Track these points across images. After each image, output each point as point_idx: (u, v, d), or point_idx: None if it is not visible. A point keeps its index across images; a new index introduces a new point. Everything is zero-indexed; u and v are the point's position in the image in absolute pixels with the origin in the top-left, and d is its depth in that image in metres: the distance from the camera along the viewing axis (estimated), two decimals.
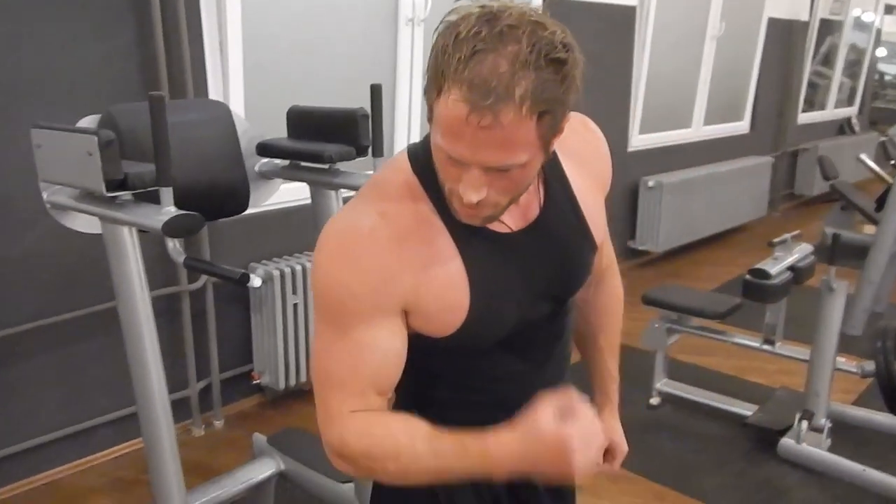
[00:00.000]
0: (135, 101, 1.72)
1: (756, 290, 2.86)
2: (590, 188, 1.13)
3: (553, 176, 1.08)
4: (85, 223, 1.75)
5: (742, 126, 6.64)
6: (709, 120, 6.09)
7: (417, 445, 0.94)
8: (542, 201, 1.06)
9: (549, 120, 0.86)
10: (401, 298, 0.97)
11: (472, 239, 1.00)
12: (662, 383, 3.37)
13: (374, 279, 0.95)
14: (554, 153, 1.04)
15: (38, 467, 2.69)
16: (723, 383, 3.51)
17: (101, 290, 2.51)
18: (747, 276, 2.89)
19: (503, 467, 0.91)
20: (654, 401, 3.34)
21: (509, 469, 0.91)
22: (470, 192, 0.89)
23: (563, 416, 0.90)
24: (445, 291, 0.99)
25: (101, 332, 2.72)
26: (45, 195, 1.73)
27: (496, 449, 0.91)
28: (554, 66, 0.83)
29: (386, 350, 0.99)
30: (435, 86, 0.86)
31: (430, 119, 0.92)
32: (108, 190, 1.49)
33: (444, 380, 1.10)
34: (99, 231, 1.68)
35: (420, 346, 1.03)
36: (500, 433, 0.91)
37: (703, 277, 5.15)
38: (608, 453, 1.30)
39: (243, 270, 1.77)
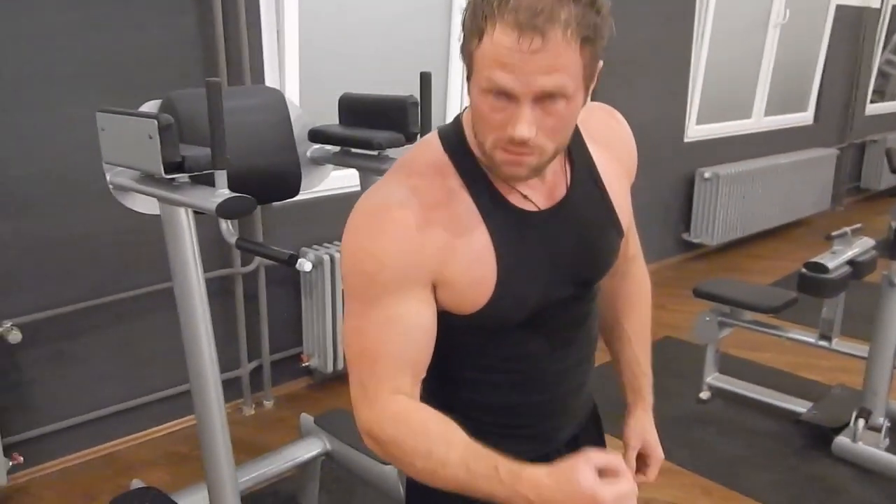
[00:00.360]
0: (195, 87, 1.76)
1: (812, 284, 2.79)
2: (616, 173, 1.14)
3: (579, 158, 1.09)
4: (144, 204, 1.81)
5: (805, 117, 6.46)
6: (770, 110, 5.94)
7: (451, 454, 0.93)
8: (568, 182, 1.07)
9: (590, 51, 0.89)
10: (429, 270, 0.98)
11: (499, 215, 1.01)
12: (713, 377, 3.32)
13: (402, 249, 0.96)
14: (580, 137, 1.09)
15: (97, 439, 2.81)
16: (776, 379, 3.44)
17: (160, 269, 2.59)
18: (803, 270, 2.82)
19: (524, 498, 0.90)
20: (704, 395, 3.30)
21: (530, 502, 0.90)
22: (522, 126, 0.90)
23: (604, 476, 0.88)
24: (473, 265, 1.00)
25: (159, 310, 2.81)
26: (107, 176, 1.79)
27: (528, 483, 0.89)
28: (590, 3, 0.87)
29: (416, 325, 0.99)
30: (475, 33, 0.89)
31: (468, 77, 0.94)
32: (167, 172, 1.53)
33: (468, 360, 1.11)
34: (157, 212, 1.73)
35: (446, 326, 1.03)
36: (536, 470, 0.90)
37: (760, 271, 5.04)
38: (641, 459, 1.28)
39: (291, 252, 1.80)
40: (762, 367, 3.61)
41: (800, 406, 3.10)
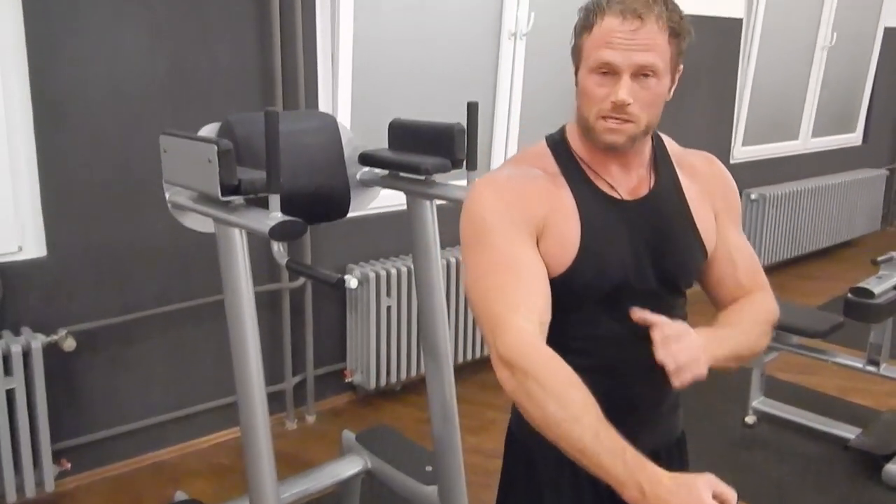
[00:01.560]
0: (254, 107, 1.83)
1: (858, 309, 2.76)
2: (699, 198, 1.28)
3: (664, 171, 1.27)
4: (199, 222, 1.87)
5: (854, 138, 6.36)
6: (818, 132, 5.87)
7: (586, 415, 0.99)
8: (651, 184, 1.25)
9: (675, 44, 1.14)
10: (533, 221, 1.17)
11: (587, 194, 1.21)
12: (759, 401, 3.28)
13: (510, 203, 1.17)
14: (668, 158, 1.29)
15: (144, 447, 2.89)
16: (824, 404, 3.39)
17: (211, 283, 2.67)
18: (849, 295, 2.79)
19: (639, 486, 0.94)
20: (750, 419, 3.26)
21: (642, 493, 0.94)
22: (623, 91, 1.10)
23: (717, 498, 0.95)
24: (563, 226, 1.18)
25: (209, 322, 2.89)
26: (167, 195, 1.87)
27: (649, 475, 0.94)
28: (677, 11, 1.14)
29: (531, 265, 1.15)
30: (586, 28, 1.14)
31: (577, 71, 1.18)
32: (223, 194, 1.60)
33: (552, 336, 1.13)
34: (212, 230, 1.80)
35: None
36: (659, 468, 0.96)
37: (809, 293, 4.97)
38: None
39: (339, 275, 1.86)
40: (810, 391, 3.56)
41: (848, 432, 3.05)
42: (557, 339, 1.13)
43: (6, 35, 2.35)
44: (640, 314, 1.17)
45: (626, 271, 1.21)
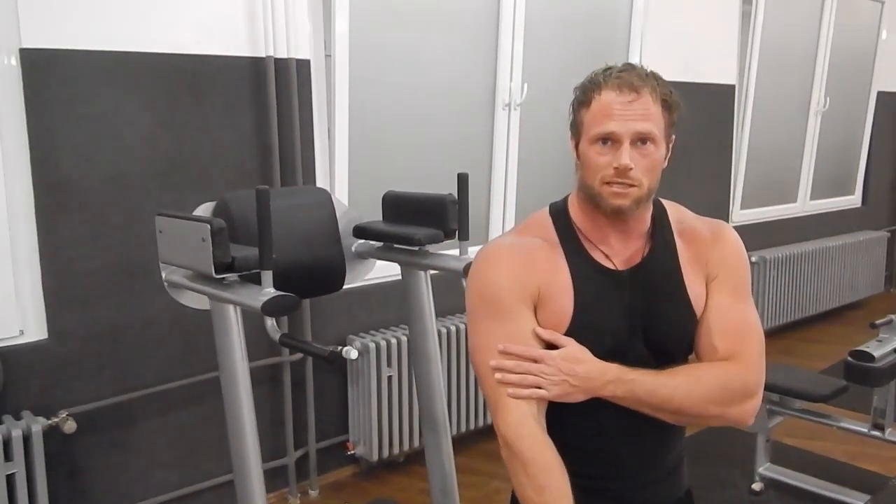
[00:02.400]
0: (251, 188, 1.88)
1: (859, 372, 2.74)
2: (693, 263, 1.32)
3: (661, 238, 1.32)
4: (195, 300, 1.92)
5: (853, 200, 6.42)
6: (816, 194, 5.93)
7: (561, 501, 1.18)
8: (646, 252, 1.30)
9: (668, 114, 1.23)
10: (533, 293, 1.25)
11: (582, 265, 1.28)
12: (765, 468, 3.23)
13: (513, 276, 1.25)
14: (669, 225, 1.34)
15: None
16: (833, 470, 3.33)
17: (212, 360, 2.68)
18: (848, 358, 2.78)
19: None
20: (757, 486, 3.21)
21: None
22: (625, 156, 1.19)
23: None
24: (559, 298, 1.25)
25: (211, 398, 2.88)
26: (163, 274, 1.91)
27: None
28: (667, 85, 1.24)
29: (536, 342, 1.24)
30: (585, 103, 1.23)
31: (577, 145, 1.26)
32: (217, 272, 1.64)
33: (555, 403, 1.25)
34: (207, 307, 1.83)
35: None
36: None
37: (814, 356, 4.94)
38: None
39: (332, 348, 1.88)
40: (817, 456, 3.51)
41: (857, 499, 2.98)
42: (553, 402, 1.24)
43: (8, 121, 2.42)
44: (547, 334, 1.25)
45: (618, 341, 1.26)
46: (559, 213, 1.33)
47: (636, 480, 1.33)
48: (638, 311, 1.27)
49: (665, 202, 1.38)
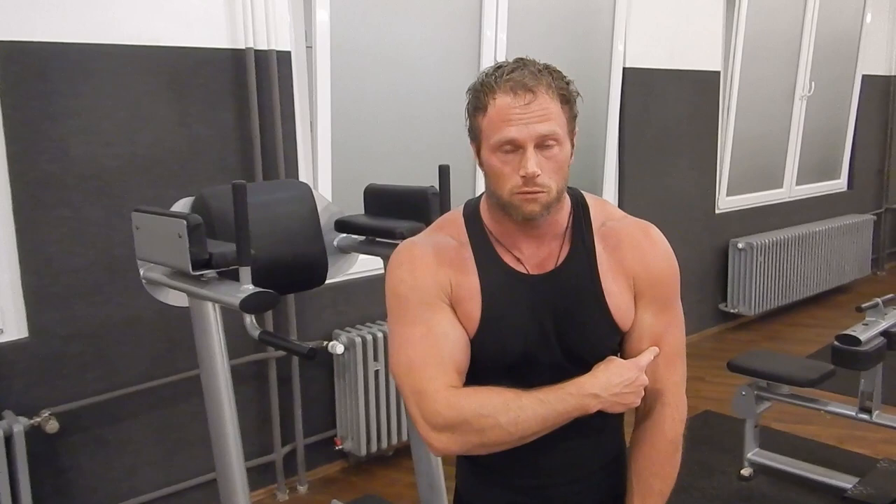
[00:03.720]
0: (235, 178, 1.86)
1: (846, 357, 2.75)
2: (616, 271, 1.27)
3: (579, 244, 1.26)
4: (174, 297, 1.89)
5: (839, 184, 6.44)
6: (802, 179, 5.94)
7: (522, 398, 1.15)
8: (560, 259, 1.25)
9: (568, 109, 1.19)
10: (446, 291, 1.23)
11: (491, 268, 1.25)
12: (754, 453, 3.24)
13: (424, 275, 1.22)
14: (590, 230, 1.27)
15: None
16: (821, 453, 3.35)
17: (196, 356, 2.66)
18: (835, 343, 2.78)
19: (592, 396, 1.17)
20: (746, 472, 3.21)
21: (598, 398, 1.17)
22: (531, 164, 1.14)
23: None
24: (467, 301, 1.23)
25: (196, 396, 2.86)
26: (141, 271, 1.89)
27: (586, 382, 1.17)
28: (563, 78, 1.19)
29: (449, 332, 1.21)
30: (480, 109, 1.18)
31: (478, 152, 1.21)
32: (195, 269, 1.62)
33: None
34: (186, 305, 1.81)
35: None
36: (585, 376, 1.20)
37: (802, 340, 4.96)
38: None
39: (312, 345, 1.86)
40: (806, 440, 3.52)
41: (845, 482, 3.00)
42: None
43: None
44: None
45: (527, 345, 1.23)
46: (471, 215, 1.29)
47: (570, 481, 1.32)
48: (551, 316, 1.23)
49: (589, 198, 1.32)
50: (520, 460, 1.27)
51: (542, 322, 1.23)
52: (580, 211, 1.29)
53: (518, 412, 1.14)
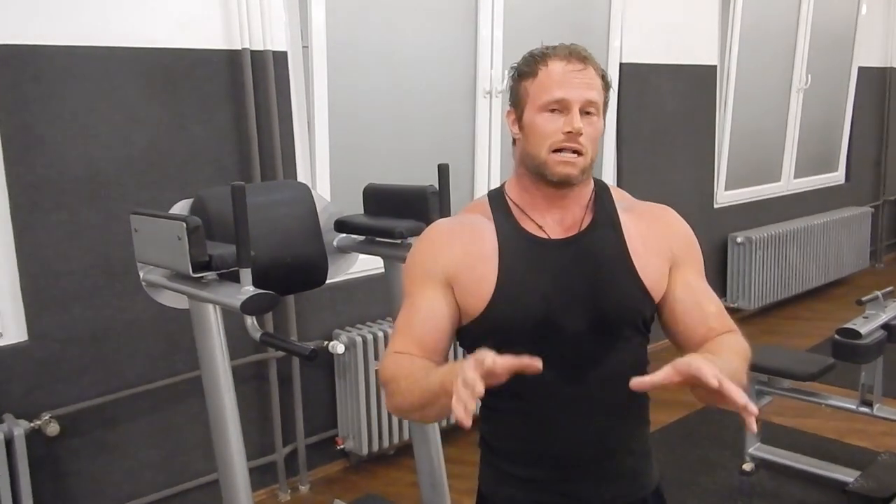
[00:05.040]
0: (232, 180, 1.85)
1: (846, 350, 2.75)
2: (648, 243, 1.30)
3: (603, 212, 1.30)
4: (174, 299, 1.89)
5: (837, 177, 6.44)
6: (800, 172, 5.94)
7: (428, 371, 1.16)
8: (584, 225, 1.29)
9: (605, 88, 1.26)
10: (442, 268, 1.26)
11: (511, 234, 1.28)
12: (755, 448, 3.23)
13: (425, 254, 1.30)
14: (611, 200, 1.33)
15: None
16: (822, 447, 3.35)
17: (195, 357, 2.65)
18: (836, 336, 2.78)
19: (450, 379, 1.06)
20: (748, 466, 3.21)
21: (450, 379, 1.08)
22: (576, 120, 1.21)
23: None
24: (480, 267, 1.25)
25: (195, 397, 2.85)
26: (141, 274, 1.88)
27: (454, 367, 1.10)
28: (602, 68, 1.28)
29: (430, 309, 1.26)
30: (530, 74, 1.25)
31: (519, 118, 1.28)
32: (195, 271, 1.61)
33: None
34: (187, 307, 1.80)
35: (470, 340, 1.28)
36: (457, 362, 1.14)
37: (801, 334, 4.96)
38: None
39: (313, 346, 1.86)
40: (807, 434, 3.52)
41: (847, 475, 3.00)
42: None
43: None
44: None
45: (548, 308, 1.23)
46: (496, 194, 1.36)
47: (596, 469, 1.28)
48: (576, 282, 1.25)
49: (608, 184, 1.38)
50: (540, 454, 1.29)
51: (565, 285, 1.25)
52: (602, 191, 1.34)
53: (412, 383, 1.17)
